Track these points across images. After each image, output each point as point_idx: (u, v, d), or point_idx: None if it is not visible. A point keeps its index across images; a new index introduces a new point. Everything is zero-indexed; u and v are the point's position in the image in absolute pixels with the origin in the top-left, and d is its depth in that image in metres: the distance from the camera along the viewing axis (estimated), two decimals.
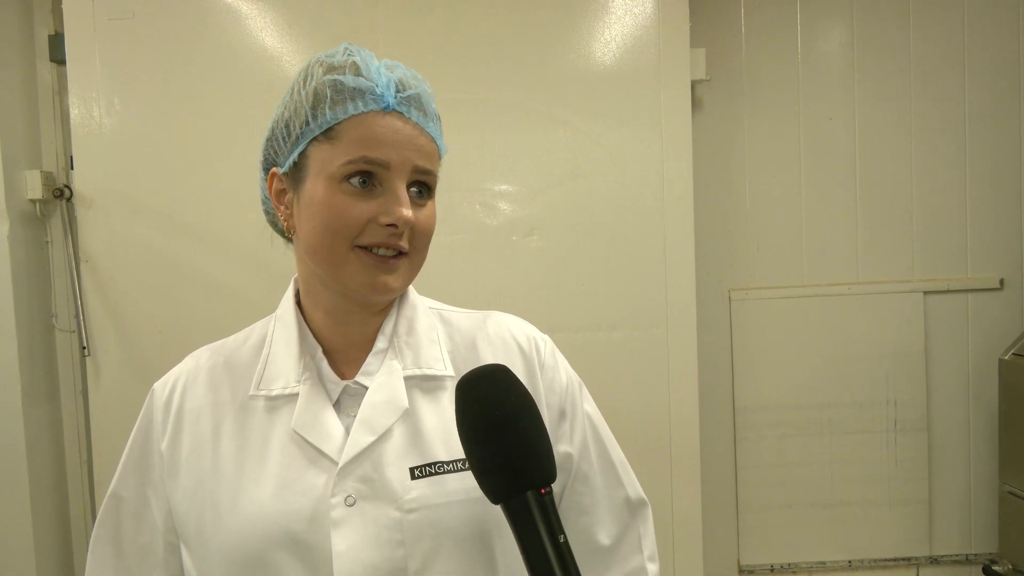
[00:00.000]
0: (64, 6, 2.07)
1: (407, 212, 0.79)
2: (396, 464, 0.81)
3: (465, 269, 2.14)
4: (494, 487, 0.67)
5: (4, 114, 2.12)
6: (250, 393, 0.86)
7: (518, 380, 0.72)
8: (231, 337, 0.95)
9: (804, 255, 2.46)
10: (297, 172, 0.84)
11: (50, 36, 2.22)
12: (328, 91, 0.80)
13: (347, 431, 0.82)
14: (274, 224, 0.93)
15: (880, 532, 2.47)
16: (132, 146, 2.10)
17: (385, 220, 0.79)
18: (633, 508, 0.94)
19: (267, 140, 0.88)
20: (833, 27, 2.43)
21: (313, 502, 0.80)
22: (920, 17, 2.42)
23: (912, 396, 2.44)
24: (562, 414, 0.91)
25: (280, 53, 2.11)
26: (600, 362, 2.16)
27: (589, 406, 0.94)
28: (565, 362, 0.95)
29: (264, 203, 0.92)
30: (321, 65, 0.83)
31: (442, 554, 0.80)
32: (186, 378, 0.90)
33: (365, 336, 0.88)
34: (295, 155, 0.83)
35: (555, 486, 0.89)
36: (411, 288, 0.94)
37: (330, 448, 0.81)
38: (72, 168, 2.15)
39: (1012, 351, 2.30)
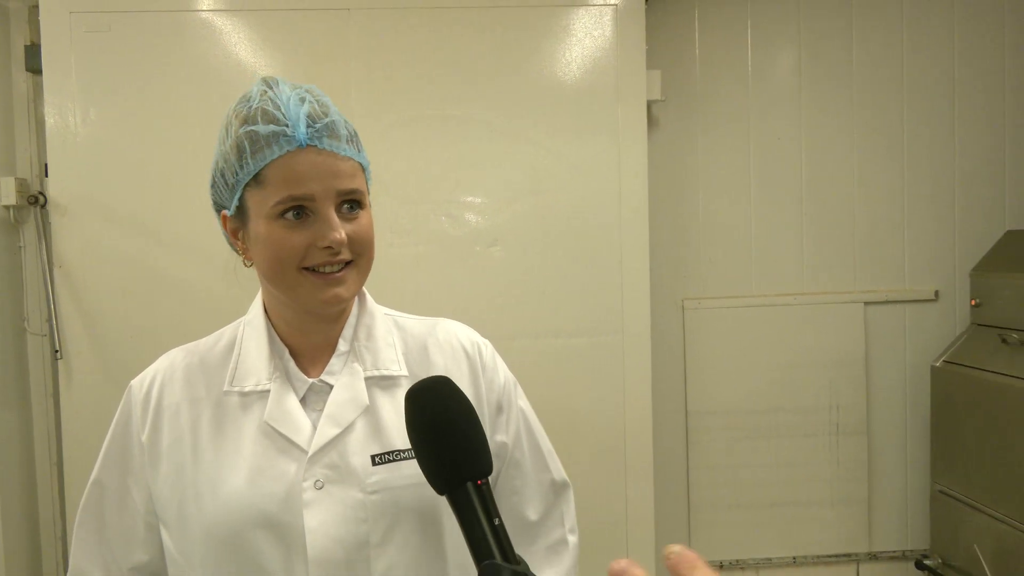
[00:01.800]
0: (41, 18, 2.10)
1: (338, 234, 0.88)
2: (359, 453, 0.92)
3: (431, 278, 2.21)
4: (439, 481, 0.76)
5: None
6: (224, 389, 0.96)
7: (459, 389, 0.80)
8: (203, 339, 1.04)
9: (753, 267, 2.58)
10: (241, 214, 0.93)
11: (26, 46, 2.26)
12: (246, 143, 0.89)
13: (314, 424, 0.93)
14: (237, 252, 1.01)
15: (823, 530, 2.59)
16: (106, 155, 2.14)
17: (322, 244, 0.89)
18: (557, 489, 1.09)
19: (211, 185, 0.96)
20: (782, 51, 2.55)
21: (286, 486, 0.90)
22: (863, 41, 2.55)
23: (853, 401, 2.57)
24: (499, 408, 1.04)
25: (253, 67, 2.17)
26: (558, 367, 2.25)
27: (523, 402, 1.08)
28: (503, 364, 1.08)
29: (225, 236, 0.99)
30: (237, 117, 0.91)
31: (399, 529, 0.92)
32: (163, 375, 0.99)
33: (327, 340, 0.99)
34: (236, 200, 0.92)
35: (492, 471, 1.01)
36: (369, 297, 1.04)
37: (300, 439, 0.92)
38: (46, 175, 2.19)
39: (943, 358, 2.44)
